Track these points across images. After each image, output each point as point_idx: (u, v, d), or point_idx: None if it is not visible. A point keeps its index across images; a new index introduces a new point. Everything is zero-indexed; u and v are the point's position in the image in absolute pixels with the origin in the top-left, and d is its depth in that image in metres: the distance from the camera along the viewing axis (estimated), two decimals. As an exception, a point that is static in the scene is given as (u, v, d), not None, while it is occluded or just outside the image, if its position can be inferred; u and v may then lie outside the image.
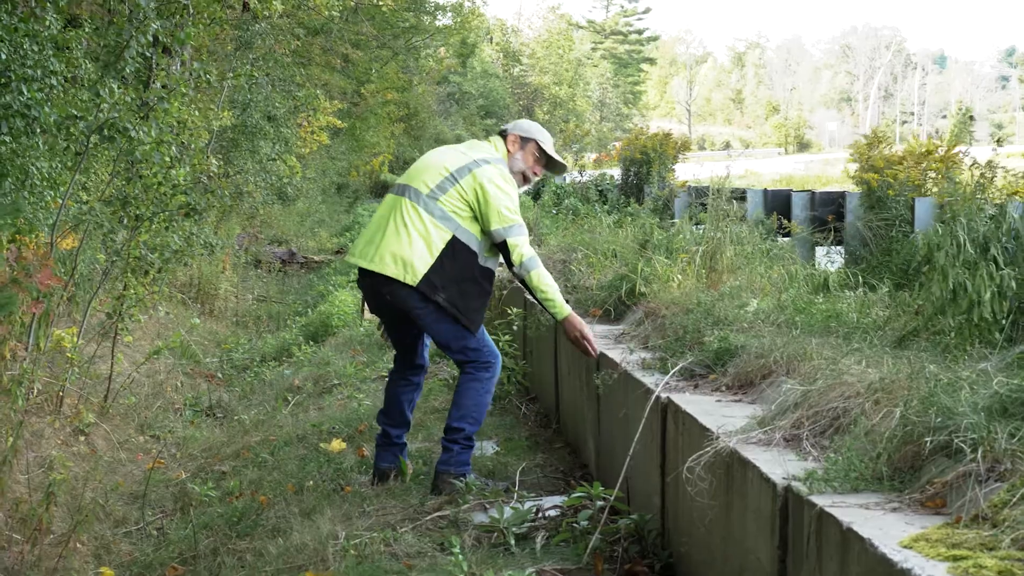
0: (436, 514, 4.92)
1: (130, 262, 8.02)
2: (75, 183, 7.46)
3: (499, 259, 5.43)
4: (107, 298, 8.22)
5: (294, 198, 23.04)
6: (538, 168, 5.64)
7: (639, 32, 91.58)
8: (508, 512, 4.68)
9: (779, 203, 13.98)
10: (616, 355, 5.14)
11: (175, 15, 9.84)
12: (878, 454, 2.97)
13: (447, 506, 5.00)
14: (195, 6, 10.06)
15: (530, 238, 11.33)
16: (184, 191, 8.14)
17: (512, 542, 4.50)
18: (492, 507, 4.85)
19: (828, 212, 13.00)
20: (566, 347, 6.15)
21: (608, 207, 15.89)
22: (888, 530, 2.56)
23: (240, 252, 17.14)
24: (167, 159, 7.85)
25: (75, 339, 7.47)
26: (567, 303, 5.39)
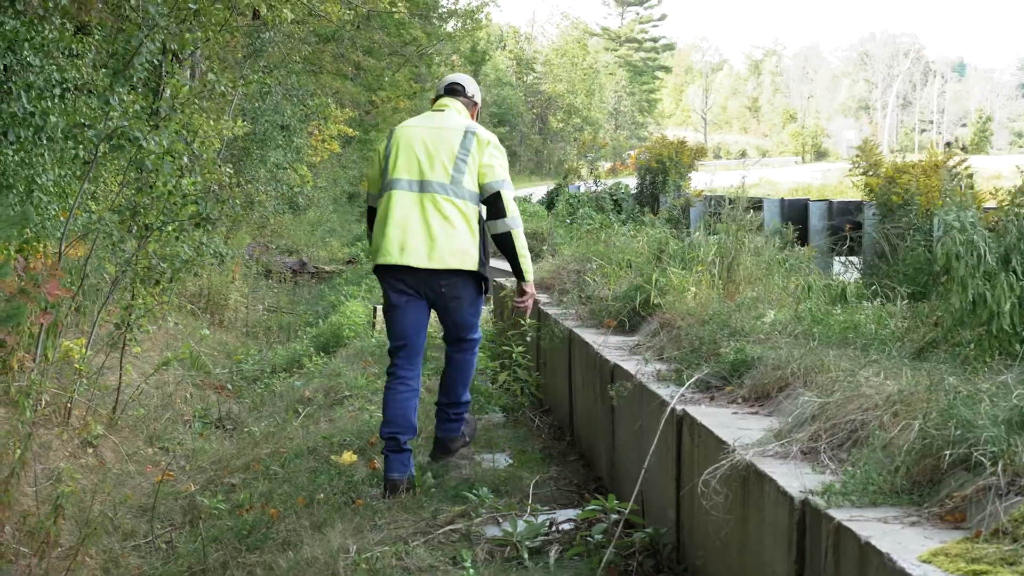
0: (448, 527, 4.90)
1: (139, 272, 8.00)
2: (84, 192, 7.44)
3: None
4: (116, 308, 8.19)
5: (305, 207, 23.07)
6: None
7: (654, 40, 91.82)
8: (521, 525, 4.67)
9: (796, 212, 13.96)
10: (631, 366, 5.10)
11: (184, 20, 9.82)
12: (896, 467, 2.97)
13: (460, 519, 4.98)
14: (204, 12, 10.03)
15: (544, 247, 11.26)
16: (195, 200, 8.11)
17: (525, 556, 4.48)
18: (505, 520, 4.84)
19: (846, 221, 12.93)
20: (580, 358, 6.12)
21: (623, 217, 15.86)
22: (907, 544, 2.55)
23: (250, 262, 17.16)
24: (177, 169, 7.83)
25: (83, 350, 7.44)
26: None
